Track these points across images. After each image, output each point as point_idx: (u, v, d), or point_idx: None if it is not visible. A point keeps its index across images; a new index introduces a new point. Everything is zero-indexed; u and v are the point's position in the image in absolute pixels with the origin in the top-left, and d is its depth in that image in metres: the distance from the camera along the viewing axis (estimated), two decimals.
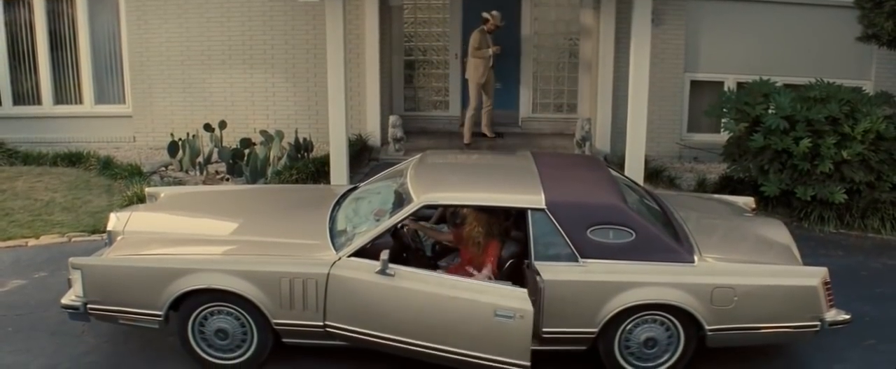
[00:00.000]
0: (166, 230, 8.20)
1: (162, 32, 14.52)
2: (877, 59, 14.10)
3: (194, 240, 7.92)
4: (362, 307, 7.23)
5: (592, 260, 7.28)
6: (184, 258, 7.52)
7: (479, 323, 6.99)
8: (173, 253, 7.63)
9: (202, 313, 7.45)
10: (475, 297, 7.04)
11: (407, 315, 7.15)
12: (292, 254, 7.51)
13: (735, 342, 7.52)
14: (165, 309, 7.37)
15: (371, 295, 7.20)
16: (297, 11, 14.30)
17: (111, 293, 7.43)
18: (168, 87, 14.68)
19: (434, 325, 7.10)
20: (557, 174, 8.12)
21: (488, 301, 7.00)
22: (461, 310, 7.03)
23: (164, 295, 7.34)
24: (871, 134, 11.29)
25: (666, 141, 14.38)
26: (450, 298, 7.06)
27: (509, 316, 6.93)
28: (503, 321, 6.94)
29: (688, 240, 7.69)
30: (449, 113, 15.79)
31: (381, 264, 7.09)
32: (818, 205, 11.52)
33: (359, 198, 8.53)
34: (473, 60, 14.12)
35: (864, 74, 14.20)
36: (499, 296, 7.04)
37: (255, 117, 14.61)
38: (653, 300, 7.24)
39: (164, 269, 7.40)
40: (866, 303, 8.99)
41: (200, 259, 7.51)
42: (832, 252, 10.65)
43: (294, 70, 14.60)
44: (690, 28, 14.26)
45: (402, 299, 7.14)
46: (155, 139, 14.67)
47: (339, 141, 11.67)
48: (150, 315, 7.41)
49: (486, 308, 6.98)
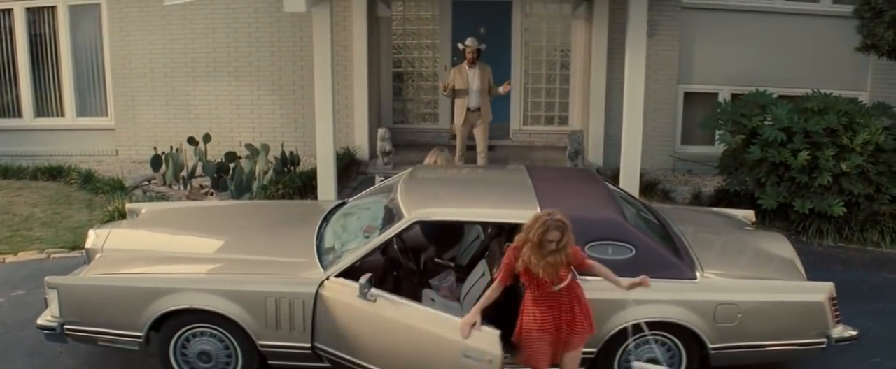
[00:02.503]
0: (147, 247, 7.98)
1: (145, 44, 14.36)
2: (873, 69, 14.03)
3: (176, 258, 7.68)
4: (346, 331, 7.00)
5: (591, 277, 6.95)
6: (165, 277, 7.29)
7: (447, 362, 6.63)
8: (154, 271, 7.39)
9: (184, 334, 7.22)
10: (444, 334, 6.62)
11: (384, 343, 6.87)
12: (278, 272, 7.28)
13: (739, 360, 7.30)
14: (146, 330, 7.14)
15: (353, 319, 6.96)
16: (284, 22, 14.14)
17: (89, 313, 7.20)
18: (151, 100, 14.52)
19: (407, 358, 6.81)
20: (553, 188, 7.91)
21: (457, 339, 6.56)
22: (431, 346, 6.68)
23: (144, 316, 7.11)
24: (871, 145, 11.15)
25: (659, 153, 14.20)
26: (421, 332, 6.71)
27: (476, 358, 6.50)
28: (470, 363, 6.52)
29: (689, 256, 7.49)
30: (438, 125, 15.63)
31: (360, 288, 6.81)
32: (816, 219, 11.37)
33: (347, 213, 8.32)
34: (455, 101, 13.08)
35: (860, 85, 14.12)
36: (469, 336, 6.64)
37: (240, 130, 14.46)
38: (654, 318, 7.02)
39: (144, 289, 7.16)
40: (869, 319, 8.79)
41: (182, 277, 7.27)
42: (832, 266, 10.47)
43: (280, 82, 14.44)
44: (684, 39, 14.14)
45: (380, 326, 6.86)
46: (138, 152, 14.50)
47: (327, 154, 11.44)
48: (130, 336, 7.17)
49: (454, 347, 6.57)
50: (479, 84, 12.60)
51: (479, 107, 12.69)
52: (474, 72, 12.57)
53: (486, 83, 12.65)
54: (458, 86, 12.60)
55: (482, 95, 12.67)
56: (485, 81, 12.64)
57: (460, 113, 12.75)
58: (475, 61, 12.55)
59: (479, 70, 12.58)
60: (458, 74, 12.61)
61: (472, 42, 12.55)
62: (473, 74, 12.58)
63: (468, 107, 12.66)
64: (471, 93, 12.60)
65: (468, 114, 12.71)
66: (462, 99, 12.67)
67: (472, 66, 12.57)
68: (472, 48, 12.49)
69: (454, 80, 12.60)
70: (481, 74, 12.60)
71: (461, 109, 12.73)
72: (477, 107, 12.67)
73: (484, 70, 12.64)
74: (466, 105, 12.66)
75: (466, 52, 12.56)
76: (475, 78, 12.58)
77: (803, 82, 13.46)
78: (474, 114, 12.73)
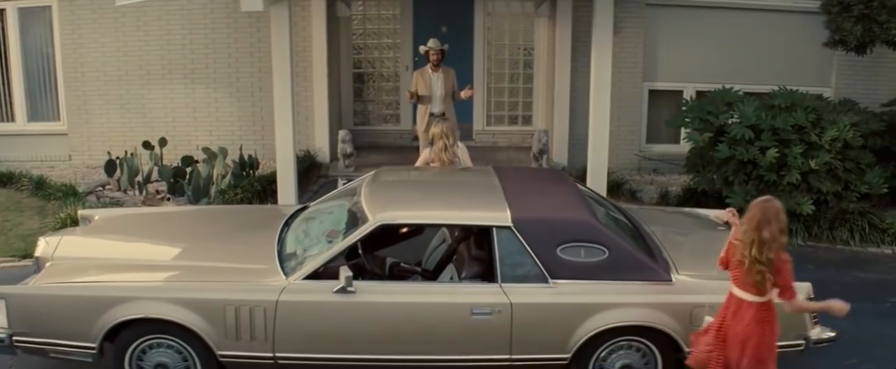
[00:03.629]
0: (100, 255, 7.71)
1: (98, 47, 14.06)
2: (837, 65, 14.03)
3: (131, 266, 7.43)
4: (320, 331, 6.86)
5: (563, 280, 6.91)
6: (119, 285, 7.05)
7: (456, 325, 6.81)
8: (108, 279, 7.14)
9: (140, 346, 6.98)
10: (447, 299, 6.90)
11: (373, 329, 6.84)
12: (238, 279, 7.08)
13: None
14: (99, 341, 6.89)
15: (330, 316, 6.85)
16: (241, 23, 13.90)
17: (39, 324, 6.94)
18: (105, 104, 14.21)
19: (407, 335, 6.86)
20: (522, 189, 7.77)
21: (462, 301, 6.83)
22: (435, 315, 6.84)
23: (97, 326, 6.86)
24: (839, 142, 11.07)
25: (624, 152, 14.07)
26: (421, 305, 6.86)
27: (487, 312, 6.73)
28: (481, 318, 6.73)
29: (663, 257, 7.34)
30: (400, 127, 15.40)
31: (344, 281, 6.74)
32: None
33: (309, 218, 8.12)
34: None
35: (824, 81, 14.11)
36: (472, 294, 6.88)
37: (197, 134, 14.17)
38: (629, 322, 6.87)
39: (97, 298, 6.91)
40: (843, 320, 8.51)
41: (137, 286, 7.04)
42: (802, 265, 10.11)
43: (238, 84, 14.19)
44: (649, 36, 14.05)
45: (366, 314, 6.84)
46: (92, 158, 14.18)
47: (287, 157, 11.23)
48: (83, 347, 6.92)
49: (460, 309, 6.79)
50: (443, 88, 12.20)
51: (443, 113, 12.19)
52: (438, 75, 12.18)
53: (450, 87, 12.25)
54: (421, 91, 12.16)
55: (446, 100, 12.27)
56: (449, 85, 12.25)
57: (423, 118, 12.26)
58: (439, 64, 12.16)
59: (442, 74, 12.19)
60: (421, 79, 12.18)
61: (434, 43, 12.14)
62: (437, 78, 12.18)
63: (431, 113, 12.19)
64: (434, 98, 12.19)
65: (431, 120, 12.17)
66: (425, 105, 12.25)
67: (435, 70, 12.17)
68: (435, 49, 12.09)
69: (417, 85, 12.18)
70: (445, 78, 12.21)
71: (424, 115, 12.26)
72: (441, 112, 12.19)
73: (448, 74, 12.25)
74: (430, 110, 12.22)
75: (430, 55, 12.12)
76: (439, 82, 12.18)
77: (768, 79, 13.38)
78: (438, 119, 12.34)
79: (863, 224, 11.32)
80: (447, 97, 12.25)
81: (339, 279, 6.76)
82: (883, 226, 11.36)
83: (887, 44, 11.66)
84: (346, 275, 6.75)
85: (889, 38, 11.31)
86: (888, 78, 14.05)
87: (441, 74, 12.17)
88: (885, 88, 13.91)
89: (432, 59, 12.10)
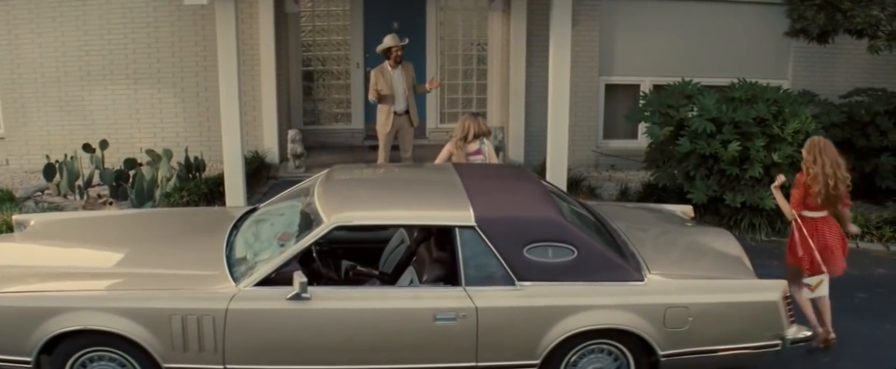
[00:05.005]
0: (36, 262, 7.25)
1: (35, 47, 13.61)
2: (793, 57, 14.01)
3: (69, 274, 6.93)
4: (273, 341, 6.50)
5: (530, 282, 6.59)
6: (55, 295, 6.57)
7: (419, 331, 6.52)
8: (43, 288, 6.66)
9: (80, 359, 6.56)
10: (409, 305, 6.58)
11: (330, 338, 6.51)
12: (184, 287, 6.65)
13: (690, 367, 6.84)
14: (35, 355, 6.45)
15: (283, 325, 6.48)
16: (185, 21, 13.54)
17: None
18: (43, 106, 13.77)
19: (366, 343, 6.54)
20: (485, 186, 7.43)
21: (425, 306, 6.52)
22: (396, 322, 6.53)
23: (32, 339, 6.42)
24: (801, 134, 10.86)
25: (581, 149, 13.87)
26: (382, 311, 6.54)
27: (451, 318, 6.47)
28: (445, 324, 6.47)
29: (633, 256, 7.04)
30: (351, 126, 15.18)
31: (299, 286, 6.37)
32: (748, 212, 11.09)
33: (259, 220, 7.73)
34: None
35: (781, 73, 14.07)
36: (435, 299, 6.56)
37: (140, 136, 13.79)
38: (600, 325, 6.57)
39: (31, 308, 6.46)
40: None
41: (76, 295, 6.57)
42: (766, 261, 10.06)
43: (183, 84, 13.81)
44: (604, 29, 13.88)
45: (323, 322, 6.50)
46: (30, 162, 13.75)
47: (234, 158, 10.92)
48: (17, 362, 6.48)
49: (423, 315, 6.49)
50: (405, 85, 11.94)
51: (407, 111, 11.99)
52: (398, 72, 11.91)
53: (410, 83, 12.01)
54: (383, 90, 11.84)
55: (409, 97, 12.02)
56: (409, 81, 12.00)
57: (387, 118, 11.97)
58: (400, 60, 11.88)
59: (402, 70, 11.93)
60: (381, 77, 11.86)
61: (395, 39, 11.86)
62: (398, 75, 11.91)
63: (395, 112, 11.95)
64: (397, 96, 11.92)
65: (396, 119, 11.99)
66: (387, 104, 11.93)
67: (395, 66, 11.89)
68: (398, 46, 11.80)
69: (378, 84, 11.85)
70: (405, 74, 11.96)
71: (387, 115, 11.96)
72: (405, 110, 11.98)
73: (407, 69, 12.01)
74: (393, 109, 11.94)
75: (393, 52, 11.82)
76: (400, 79, 11.92)
77: (725, 71, 13.35)
78: (403, 118, 12.03)
79: None
80: (409, 94, 12.00)
81: (292, 285, 6.40)
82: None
83: (850, 32, 11.53)
84: (301, 280, 6.38)
85: (852, 27, 11.18)
86: (844, 69, 14.03)
87: (401, 71, 11.92)
88: (841, 80, 13.88)
89: (394, 56, 11.81)
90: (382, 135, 12.10)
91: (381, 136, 12.13)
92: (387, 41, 11.85)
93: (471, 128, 9.24)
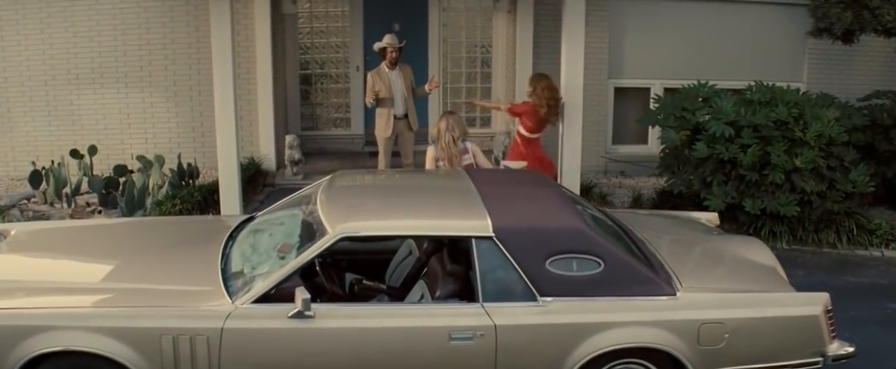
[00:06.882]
0: (15, 276, 6.78)
1: (21, 50, 13.25)
2: (809, 59, 13.69)
3: (50, 289, 6.51)
4: (273, 363, 6.09)
5: (553, 297, 6.18)
6: (36, 312, 6.14)
7: (432, 352, 6.11)
8: (22, 305, 6.23)
9: None
10: (422, 323, 6.16)
11: (336, 360, 6.13)
12: (176, 304, 6.21)
13: None
14: None
15: (284, 345, 6.07)
16: (178, 22, 13.20)
17: None
18: (30, 111, 13.40)
19: (375, 365, 6.18)
20: (502, 193, 7.04)
21: (439, 324, 6.12)
22: (408, 341, 6.14)
23: (10, 360, 5.99)
24: (824, 138, 10.47)
25: (590, 154, 13.41)
26: (392, 330, 6.14)
27: (468, 337, 6.07)
28: (462, 344, 6.07)
29: (663, 269, 6.61)
30: (351, 131, 14.89)
31: (301, 304, 5.95)
32: (769, 220, 10.69)
33: (257, 230, 7.31)
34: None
35: (796, 76, 13.70)
36: (450, 316, 6.16)
37: (131, 141, 13.46)
38: (629, 343, 6.15)
39: (9, 327, 6.03)
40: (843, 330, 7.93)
41: (58, 313, 6.14)
42: (791, 271, 9.57)
43: (175, 87, 13.44)
44: (614, 31, 13.50)
45: (327, 342, 6.12)
46: (16, 169, 13.37)
47: (230, 165, 10.59)
48: None
49: (438, 333, 6.09)
50: (403, 88, 11.57)
51: (405, 114, 11.64)
52: (396, 74, 11.53)
53: (409, 86, 11.64)
54: (381, 93, 11.46)
55: (407, 100, 11.65)
56: (408, 84, 11.63)
57: (386, 123, 11.61)
58: (397, 62, 11.51)
59: (400, 72, 11.56)
60: (379, 79, 11.48)
61: (392, 40, 11.49)
62: (396, 77, 11.54)
63: (394, 116, 11.59)
64: (396, 99, 11.55)
65: (395, 124, 11.60)
66: (386, 107, 11.56)
67: (392, 68, 11.51)
68: (393, 46, 11.43)
69: (376, 86, 11.46)
70: (403, 77, 11.59)
71: (386, 119, 11.60)
72: (404, 114, 11.63)
73: (405, 71, 11.63)
74: (392, 113, 11.58)
75: (388, 52, 11.45)
76: (398, 81, 11.54)
77: (738, 74, 13.00)
78: (402, 122, 11.64)
79: (849, 225, 10.82)
80: (408, 97, 11.64)
81: (294, 302, 5.97)
82: (870, 226, 10.87)
83: (877, 32, 11.13)
84: (303, 297, 5.93)
85: (881, 26, 10.77)
86: (861, 71, 13.68)
87: (399, 73, 11.54)
88: (857, 82, 13.52)
89: (390, 57, 11.43)
90: (382, 140, 11.73)
91: (381, 141, 11.77)
92: (383, 41, 11.52)
93: (456, 127, 8.89)
